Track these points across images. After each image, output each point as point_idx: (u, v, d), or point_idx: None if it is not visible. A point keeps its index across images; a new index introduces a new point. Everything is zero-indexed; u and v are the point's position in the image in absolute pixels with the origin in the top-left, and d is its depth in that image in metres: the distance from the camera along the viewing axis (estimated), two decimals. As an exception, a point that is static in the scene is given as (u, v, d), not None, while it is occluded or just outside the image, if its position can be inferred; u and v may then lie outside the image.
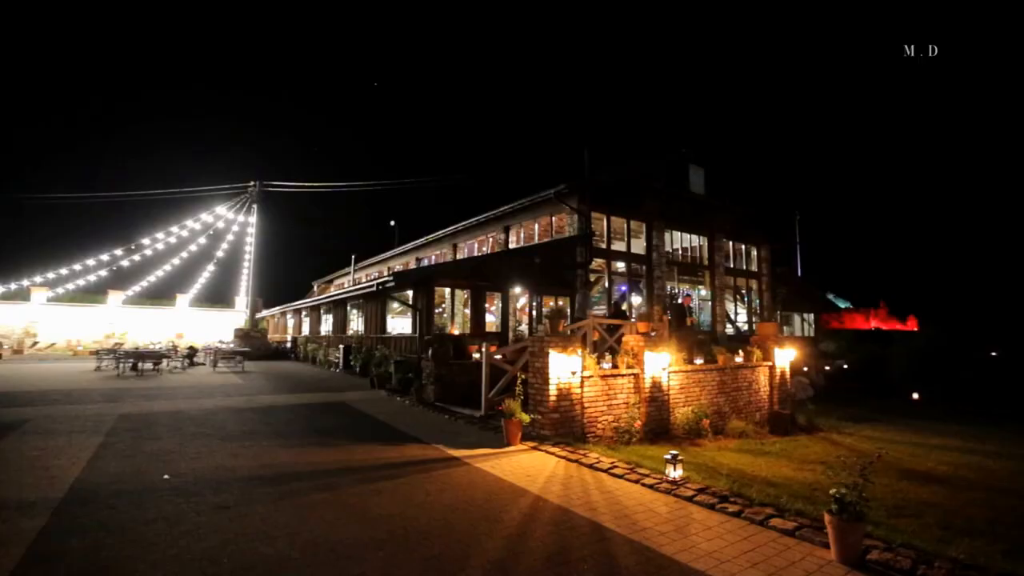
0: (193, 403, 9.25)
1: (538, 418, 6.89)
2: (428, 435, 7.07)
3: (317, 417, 8.31)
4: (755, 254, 21.98)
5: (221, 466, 5.20)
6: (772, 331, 10.83)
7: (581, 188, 15.38)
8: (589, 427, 7.28)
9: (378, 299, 15.98)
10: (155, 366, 16.50)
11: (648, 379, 8.03)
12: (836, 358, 21.89)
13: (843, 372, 21.87)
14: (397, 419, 8.26)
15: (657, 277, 17.58)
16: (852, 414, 13.04)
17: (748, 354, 10.24)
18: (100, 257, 27.78)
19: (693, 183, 19.17)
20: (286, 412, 8.67)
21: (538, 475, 5.21)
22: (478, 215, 19.52)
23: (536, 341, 7.14)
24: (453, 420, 8.29)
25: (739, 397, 9.85)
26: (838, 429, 10.14)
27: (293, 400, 10.13)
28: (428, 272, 13.14)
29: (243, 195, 26.46)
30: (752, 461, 6.73)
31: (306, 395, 10.95)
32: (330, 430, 7.26)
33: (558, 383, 6.92)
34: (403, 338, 14.43)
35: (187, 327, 36.16)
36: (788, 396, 10.83)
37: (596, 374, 7.41)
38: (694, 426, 8.31)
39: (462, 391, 10.18)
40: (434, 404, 9.72)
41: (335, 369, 18.13)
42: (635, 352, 8.07)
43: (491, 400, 8.48)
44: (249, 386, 12.48)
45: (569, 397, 7.01)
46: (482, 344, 9.81)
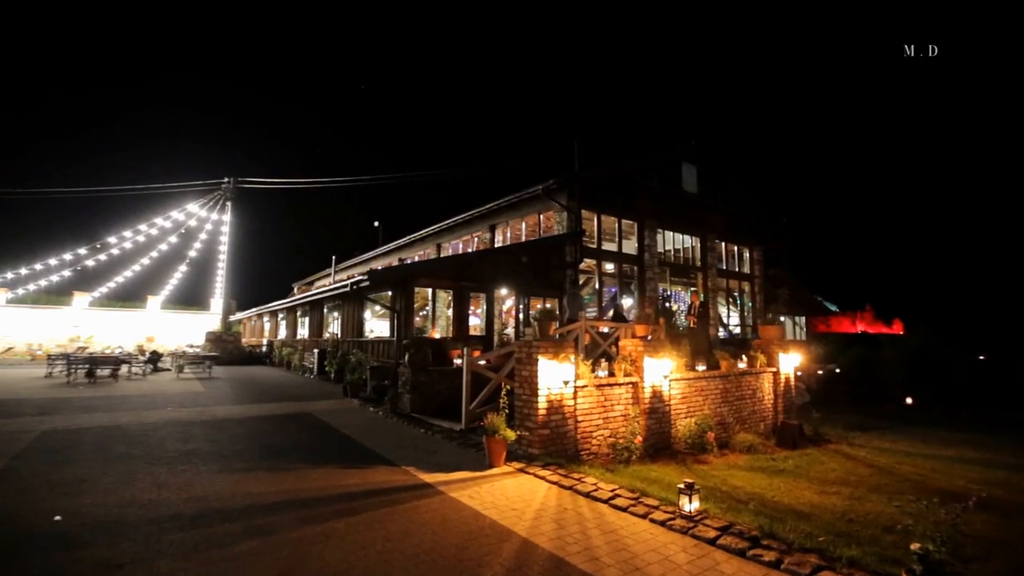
0: (136, 416, 8.20)
1: (525, 435, 6.01)
2: (399, 454, 6.15)
3: (274, 432, 7.33)
4: (747, 256, 21.43)
5: (136, 501, 4.23)
6: (776, 335, 10.11)
7: (571, 184, 14.59)
8: (583, 443, 6.43)
9: (354, 301, 15.00)
10: (113, 372, 15.28)
11: (648, 388, 7.21)
12: (827, 362, 21.39)
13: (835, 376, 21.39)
14: (366, 434, 7.32)
15: (649, 279, 16.85)
16: (854, 421, 12.39)
17: (751, 359, 9.50)
18: (63, 256, 26.30)
19: (686, 181, 18.51)
20: (240, 426, 7.67)
21: (526, 508, 4.33)
22: (463, 213, 18.65)
23: (523, 346, 6.28)
24: (429, 435, 7.37)
25: (743, 406, 9.09)
26: (847, 440, 9.42)
27: (252, 411, 9.12)
28: (407, 271, 12.22)
29: (217, 192, 25.22)
30: (768, 483, 5.93)
31: (269, 405, 9.93)
32: (285, 449, 6.30)
33: (548, 394, 6.05)
34: (380, 342, 13.46)
35: (158, 330, 34.61)
36: (793, 404, 10.10)
37: (591, 383, 6.56)
38: (698, 440, 7.51)
39: (442, 400, 9.27)
40: (410, 415, 8.79)
41: (310, 375, 17.06)
42: (634, 358, 7.24)
43: (473, 412, 7.59)
44: (209, 395, 11.41)
45: (561, 410, 6.15)
46: (465, 349, 8.92)
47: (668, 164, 17.91)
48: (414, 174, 21.27)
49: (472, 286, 12.78)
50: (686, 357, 8.15)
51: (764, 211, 21.32)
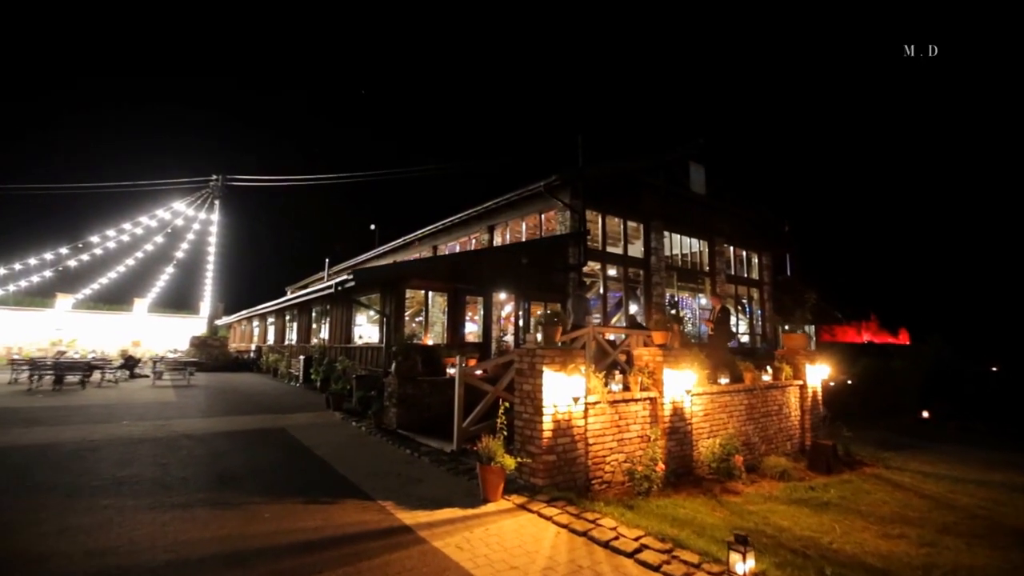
0: (81, 432, 7.20)
1: (527, 461, 5.04)
2: (376, 483, 5.17)
3: (236, 453, 6.33)
4: (756, 261, 20.54)
5: (17, 555, 3.24)
6: (802, 344, 9.18)
7: (574, 181, 13.68)
8: (594, 470, 5.46)
9: (343, 304, 14.04)
10: (83, 379, 14.24)
11: (668, 405, 6.25)
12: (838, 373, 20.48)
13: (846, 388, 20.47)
14: (342, 456, 6.33)
15: (656, 283, 15.92)
16: (877, 438, 11.48)
17: (776, 371, 8.55)
18: (44, 256, 25.25)
19: (694, 181, 17.63)
20: (198, 445, 6.67)
21: (529, 565, 3.36)
22: (459, 213, 17.73)
23: (525, 355, 5.32)
24: (416, 457, 6.39)
25: (769, 424, 8.13)
26: (883, 461, 8.47)
27: (221, 426, 8.12)
28: (397, 271, 11.27)
29: (205, 190, 24.27)
30: (818, 521, 4.96)
31: (242, 418, 8.93)
32: (242, 476, 5.31)
33: (554, 413, 5.09)
34: (369, 349, 12.49)
35: (144, 334, 33.53)
36: (819, 421, 9.15)
37: (604, 399, 5.60)
38: (723, 464, 6.54)
39: (432, 415, 8.29)
40: (396, 432, 7.81)
41: (295, 383, 16.05)
42: (651, 370, 6.29)
43: (466, 430, 6.61)
44: (179, 405, 10.39)
45: (569, 431, 5.19)
46: (459, 357, 7.96)
47: (675, 163, 17.03)
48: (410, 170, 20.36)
49: (468, 288, 11.84)
50: (708, 368, 7.20)
51: (773, 214, 20.49)
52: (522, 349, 5.44)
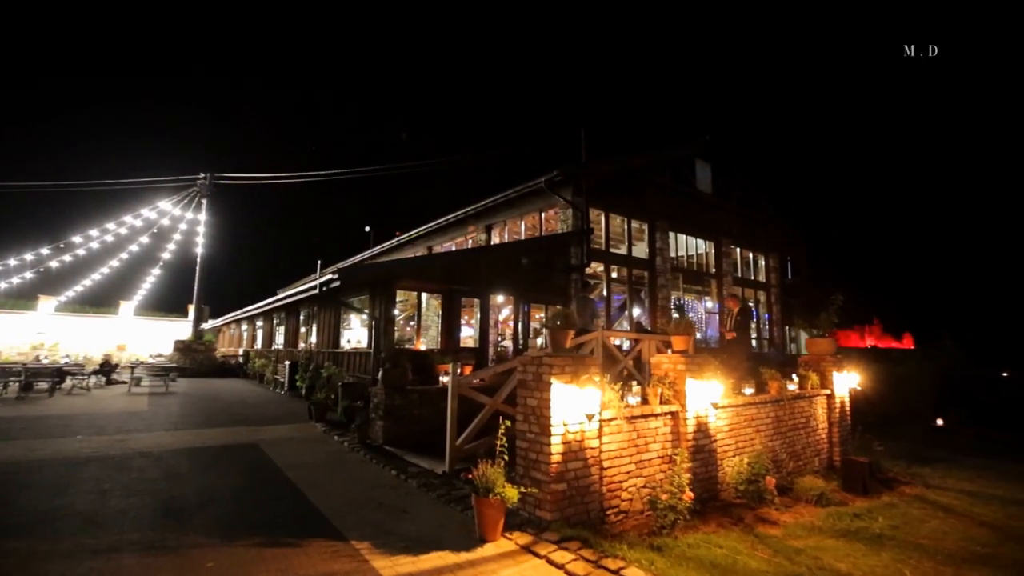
0: (26, 448, 6.35)
1: (533, 492, 4.23)
2: (353, 517, 4.35)
3: (195, 476, 5.49)
4: (763, 263, 19.82)
5: None
6: (829, 349, 8.41)
7: (577, 176, 12.93)
8: (609, 498, 4.65)
9: (331, 307, 13.21)
10: (52, 386, 13.35)
11: (692, 420, 5.46)
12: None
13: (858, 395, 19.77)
14: (317, 479, 5.50)
15: (661, 285, 15.17)
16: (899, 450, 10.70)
17: (802, 379, 7.77)
18: (24, 257, 24.30)
19: (700, 180, 16.91)
20: (154, 466, 5.83)
21: (541, 644, 2.55)
22: (455, 212, 16.95)
23: (529, 363, 4.52)
24: (402, 480, 5.57)
25: (796, 438, 7.34)
26: (920, 479, 7.69)
27: (187, 441, 7.28)
28: (388, 270, 10.45)
29: (192, 189, 23.40)
30: (880, 562, 4.16)
31: (212, 432, 8.09)
32: (194, 507, 4.47)
33: (564, 432, 4.29)
34: (357, 354, 11.66)
35: (131, 338, 32.62)
36: (848, 435, 8.38)
37: (620, 415, 4.80)
38: (752, 486, 5.75)
39: (423, 429, 7.47)
40: (382, 448, 6.98)
41: (281, 390, 15.20)
42: (672, 379, 5.50)
43: (460, 449, 5.80)
44: (149, 416, 9.54)
45: (581, 454, 4.38)
46: (453, 364, 7.16)
47: (681, 160, 16.32)
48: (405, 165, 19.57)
49: (464, 290, 11.04)
50: (731, 378, 6.42)
51: (780, 215, 19.81)
52: (525, 356, 4.64)
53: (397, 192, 67.05)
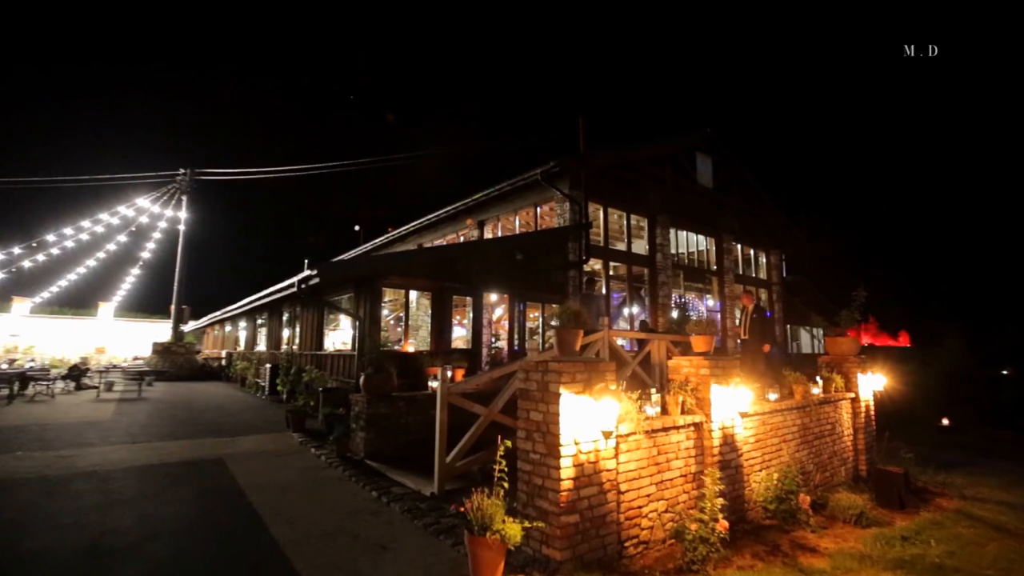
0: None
1: (538, 527, 3.50)
2: (320, 556, 3.60)
3: (139, 502, 4.70)
4: (764, 260, 19.27)
5: None
6: (852, 349, 7.77)
7: (575, 167, 12.23)
8: (628, 526, 3.93)
9: (314, 306, 12.40)
10: (12, 392, 12.42)
11: (717, 432, 4.75)
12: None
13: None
14: (284, 504, 4.73)
15: (662, 283, 14.53)
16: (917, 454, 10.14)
17: (826, 382, 7.12)
18: (-7, 256, 23.13)
19: (700, 174, 16.29)
20: (97, 488, 5.03)
21: None
22: (446, 207, 16.20)
23: (533, 369, 3.79)
24: (384, 503, 4.81)
25: (823, 447, 6.68)
26: (955, 489, 7.06)
27: (144, 456, 6.47)
28: (373, 266, 9.68)
29: (172, 185, 22.40)
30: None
31: (176, 444, 7.27)
32: (127, 547, 3.69)
33: (577, 453, 3.56)
34: (341, 357, 10.87)
35: (110, 340, 31.53)
36: (874, 442, 7.74)
37: (639, 429, 4.09)
38: (783, 505, 5.07)
39: (411, 440, 6.72)
40: (363, 463, 6.21)
41: (262, 395, 14.36)
42: (695, 386, 4.79)
43: (452, 467, 5.06)
44: (109, 426, 8.69)
45: (596, 478, 3.66)
46: (444, 367, 6.43)
47: (682, 153, 15.69)
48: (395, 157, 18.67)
49: (456, 288, 10.30)
50: (755, 383, 5.73)
51: (781, 210, 19.24)
52: (528, 362, 3.90)
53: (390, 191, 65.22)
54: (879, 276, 45.92)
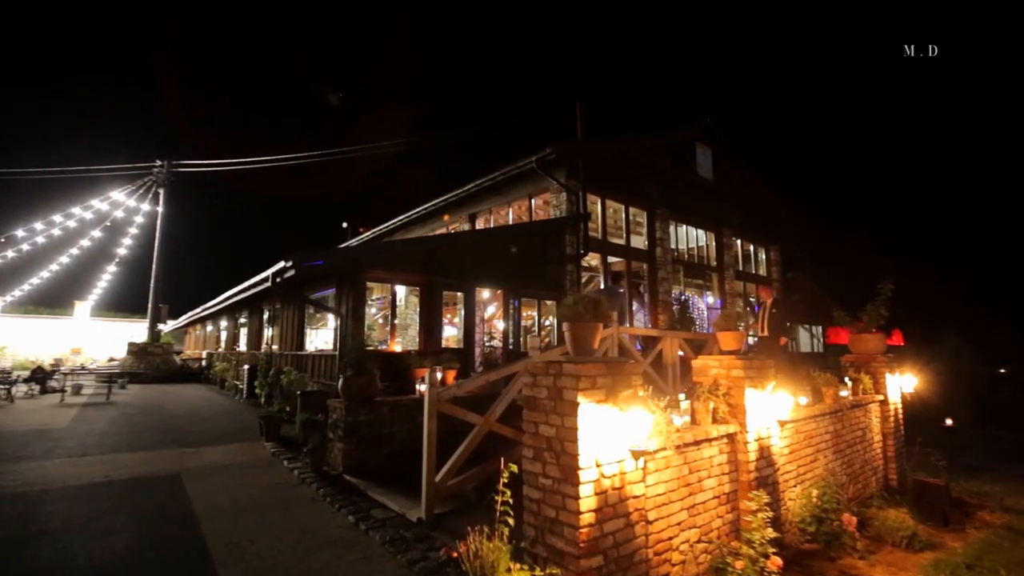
0: None
1: (555, 573, 2.77)
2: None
3: (66, 534, 3.91)
4: (764, 256, 18.71)
5: None
6: (879, 347, 7.14)
7: (572, 155, 11.54)
8: (657, 563, 3.22)
9: (295, 303, 11.59)
10: (-33, 397, 11.47)
11: (753, 443, 4.06)
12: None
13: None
14: (242, 533, 3.97)
15: (662, 279, 13.88)
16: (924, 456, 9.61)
17: (855, 384, 6.47)
18: (-42, 253, 21.96)
19: (700, 166, 15.67)
20: (20, 515, 4.23)
21: None
22: (434, 199, 15.43)
23: (542, 372, 3.05)
24: (362, 531, 4.07)
25: (854, 456, 6.03)
26: (997, 501, 6.46)
27: (91, 472, 5.65)
28: (355, 258, 8.88)
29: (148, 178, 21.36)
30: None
31: (132, 457, 6.46)
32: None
33: (599, 478, 2.84)
34: (322, 357, 10.08)
35: (87, 340, 30.37)
36: (903, 448, 7.12)
37: (670, 444, 3.38)
38: (825, 526, 4.41)
39: (397, 450, 5.97)
40: (341, 479, 5.45)
41: (240, 397, 13.51)
42: (728, 390, 4.10)
43: (442, 486, 4.31)
44: (63, 435, 7.83)
45: (622, 507, 2.95)
46: (433, 368, 5.72)
47: (682, 143, 15.06)
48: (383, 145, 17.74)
49: (446, 282, 9.55)
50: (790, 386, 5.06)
51: (782, 204, 18.70)
52: (535, 363, 3.16)
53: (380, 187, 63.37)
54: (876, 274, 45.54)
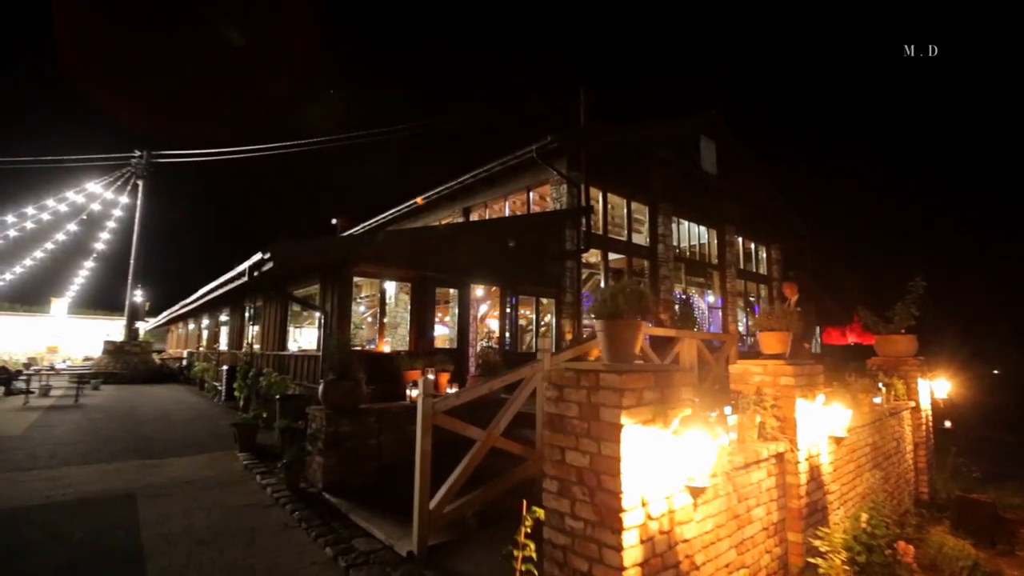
0: None
1: (589, 648, 2.15)
2: None
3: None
4: (764, 255, 18.25)
5: None
6: (910, 348, 6.58)
7: (575, 145, 10.93)
8: (703, 617, 2.61)
9: (278, 300, 10.85)
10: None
11: (804, 464, 3.47)
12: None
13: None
14: (194, 571, 3.29)
15: (664, 276, 13.33)
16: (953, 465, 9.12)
17: (888, 389, 5.92)
18: (-76, 246, 20.85)
19: (704, 159, 15.15)
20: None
21: None
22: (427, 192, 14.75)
23: (571, 383, 2.40)
24: (343, 567, 3.41)
25: (890, 469, 5.48)
26: (1035, 518, 5.95)
27: (31, 490, 4.93)
28: (340, 250, 8.16)
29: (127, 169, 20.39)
30: None
31: (86, 470, 5.73)
32: None
33: (644, 522, 2.22)
34: (306, 358, 9.36)
35: (64, 338, 29.25)
36: (933, 458, 6.59)
37: (720, 470, 2.76)
38: (877, 556, 3.82)
39: (385, 466, 5.31)
40: (320, 498, 4.78)
41: (219, 399, 12.74)
42: (776, 400, 3.50)
43: (438, 514, 3.66)
44: (14, 444, 7.07)
45: (671, 558, 2.32)
46: (425, 372, 5.07)
47: (685, 136, 14.52)
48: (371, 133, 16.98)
49: (440, 278, 8.89)
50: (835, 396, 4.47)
51: (784, 201, 18.25)
52: (561, 371, 2.52)
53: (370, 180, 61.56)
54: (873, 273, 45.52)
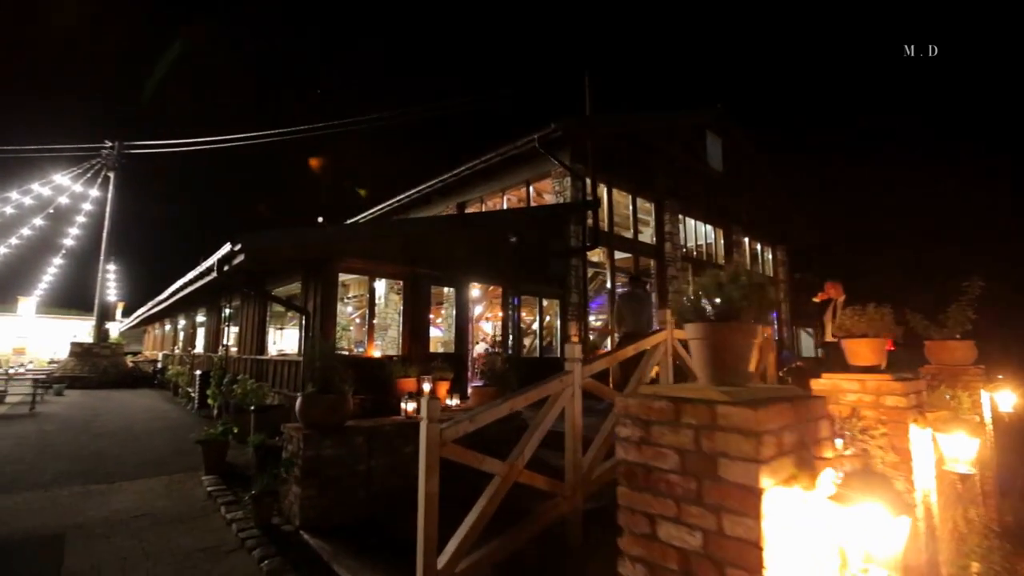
0: None
1: None
2: None
3: None
4: (771, 256, 17.67)
5: None
6: (968, 356, 5.84)
7: (578, 134, 10.15)
8: None
9: (257, 299, 9.89)
10: None
11: (920, 507, 2.68)
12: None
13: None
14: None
15: (671, 276, 12.62)
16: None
17: (955, 401, 5.18)
18: None
19: (711, 156, 14.51)
20: None
21: None
22: (420, 185, 13.90)
23: (675, 417, 1.58)
24: (318, 656, 2.55)
25: (968, 498, 4.73)
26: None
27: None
28: (324, 243, 7.24)
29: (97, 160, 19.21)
30: None
31: (14, 499, 4.78)
32: None
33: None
34: (286, 363, 8.42)
35: (32, 339, 27.88)
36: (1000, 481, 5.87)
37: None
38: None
39: (376, 495, 4.43)
40: (297, 537, 3.90)
41: (192, 407, 11.71)
42: (885, 426, 2.70)
43: (448, 572, 2.81)
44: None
45: None
46: (420, 380, 4.23)
47: (692, 130, 13.86)
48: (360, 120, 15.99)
49: (434, 276, 8.03)
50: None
51: (791, 200, 17.68)
52: (647, 400, 1.70)
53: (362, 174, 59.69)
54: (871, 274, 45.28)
